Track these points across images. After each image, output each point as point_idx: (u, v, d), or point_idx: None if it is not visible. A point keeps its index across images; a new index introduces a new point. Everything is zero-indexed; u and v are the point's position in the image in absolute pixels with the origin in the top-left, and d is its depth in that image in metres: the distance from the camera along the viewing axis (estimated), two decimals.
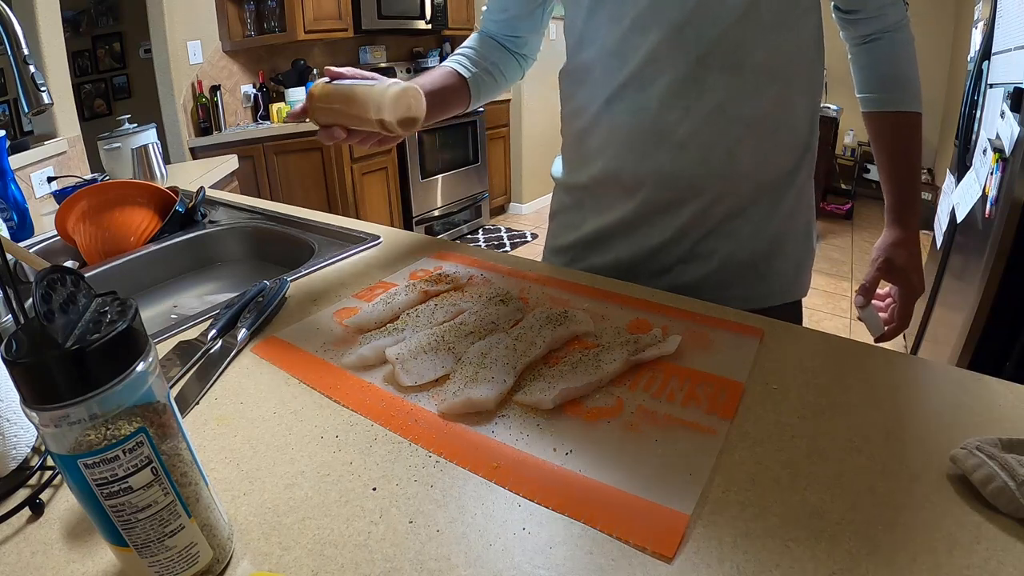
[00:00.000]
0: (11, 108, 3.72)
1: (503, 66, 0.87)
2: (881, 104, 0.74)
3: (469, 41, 0.88)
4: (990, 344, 1.51)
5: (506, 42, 0.87)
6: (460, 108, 0.84)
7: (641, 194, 0.71)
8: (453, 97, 0.82)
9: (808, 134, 0.71)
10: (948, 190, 2.13)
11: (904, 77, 0.73)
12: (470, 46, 0.87)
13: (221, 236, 1.02)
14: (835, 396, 0.47)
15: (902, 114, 0.73)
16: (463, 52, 0.86)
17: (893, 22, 0.71)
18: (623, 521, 0.36)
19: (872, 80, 0.74)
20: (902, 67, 0.73)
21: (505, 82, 0.89)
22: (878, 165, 0.77)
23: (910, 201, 0.76)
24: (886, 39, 0.72)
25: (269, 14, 3.08)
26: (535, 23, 0.86)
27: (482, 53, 0.85)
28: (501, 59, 0.87)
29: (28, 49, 0.68)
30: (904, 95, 0.73)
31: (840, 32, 0.76)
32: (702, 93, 0.64)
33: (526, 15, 0.84)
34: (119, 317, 0.29)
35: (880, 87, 0.74)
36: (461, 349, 0.53)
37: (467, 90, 0.83)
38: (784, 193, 0.71)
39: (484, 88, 0.85)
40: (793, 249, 0.74)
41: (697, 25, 0.61)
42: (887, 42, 0.72)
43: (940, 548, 0.33)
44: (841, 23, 0.75)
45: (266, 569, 0.34)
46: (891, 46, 0.72)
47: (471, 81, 0.83)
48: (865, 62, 0.75)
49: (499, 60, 0.86)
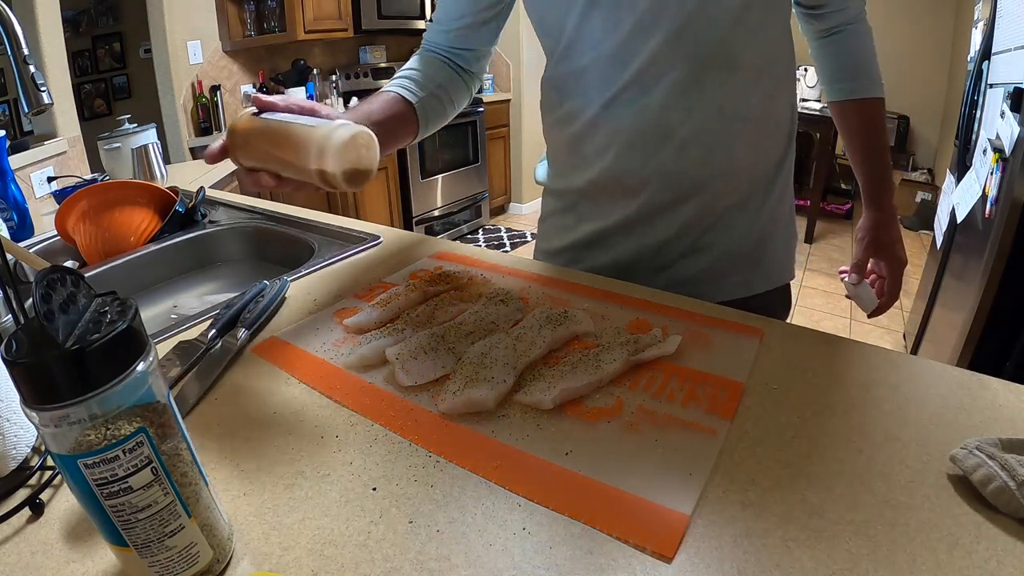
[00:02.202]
0: (11, 108, 3.72)
1: (451, 89, 0.79)
2: (849, 93, 0.79)
3: (411, 63, 0.78)
4: (990, 344, 1.51)
5: (455, 58, 0.80)
6: (407, 140, 0.75)
7: (643, 195, 0.71)
8: (401, 128, 0.73)
9: (790, 124, 0.74)
10: (948, 190, 2.13)
11: (868, 66, 0.78)
12: (412, 67, 0.77)
13: (221, 236, 1.02)
14: (835, 396, 0.47)
15: (869, 100, 0.78)
16: (405, 75, 0.76)
17: (854, 14, 0.76)
18: (623, 521, 0.36)
19: (838, 71, 0.79)
20: (866, 56, 0.78)
21: (453, 109, 0.80)
22: (849, 151, 0.83)
23: (884, 181, 0.81)
24: (848, 31, 0.77)
25: (269, 14, 3.08)
26: (490, 35, 0.80)
27: (427, 74, 0.76)
28: (448, 80, 0.78)
29: (28, 49, 0.68)
30: (870, 83, 0.78)
31: (801, 26, 0.79)
32: (702, 93, 0.65)
33: (481, 24, 0.77)
34: (119, 317, 0.29)
35: (847, 76, 0.79)
36: (461, 349, 0.53)
37: (415, 118, 0.74)
38: (774, 182, 0.74)
39: (432, 115, 0.76)
40: (782, 234, 0.78)
41: (695, 28, 0.62)
42: (849, 34, 0.77)
43: (940, 548, 0.33)
44: (804, 18, 0.79)
45: (266, 569, 0.34)
46: (854, 37, 0.77)
47: (418, 108, 0.73)
48: (830, 53, 0.79)
49: (445, 82, 0.78)
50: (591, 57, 0.68)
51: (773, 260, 0.77)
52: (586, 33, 0.68)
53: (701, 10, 0.61)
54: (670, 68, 0.64)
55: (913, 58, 3.93)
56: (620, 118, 0.69)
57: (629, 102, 0.67)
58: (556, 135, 0.79)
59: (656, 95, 0.65)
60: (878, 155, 0.80)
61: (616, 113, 0.69)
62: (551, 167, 0.83)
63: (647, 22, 0.63)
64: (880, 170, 0.81)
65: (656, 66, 0.64)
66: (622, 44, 0.65)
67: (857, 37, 0.77)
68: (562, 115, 0.76)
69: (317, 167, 0.49)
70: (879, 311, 0.82)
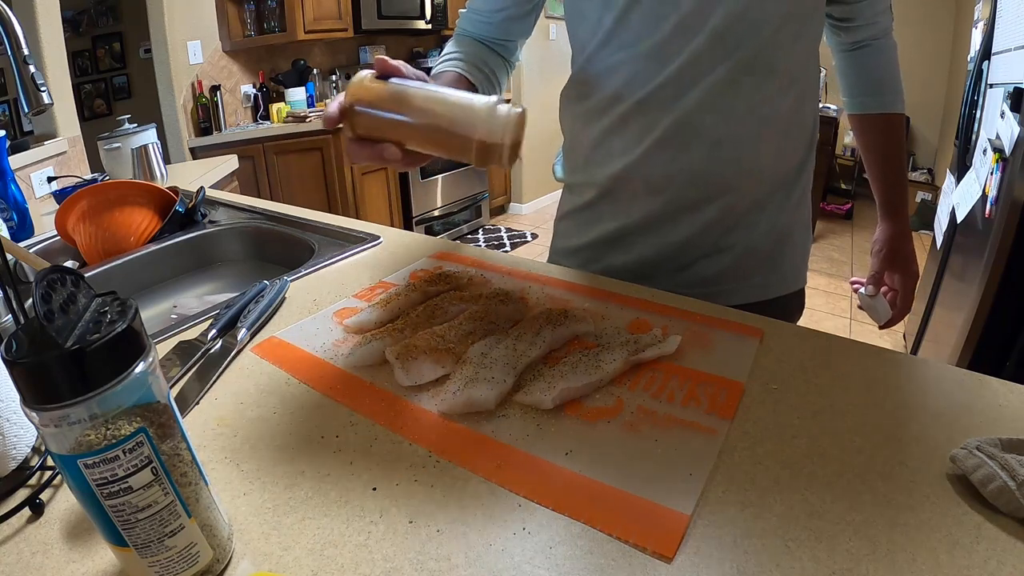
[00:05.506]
0: (11, 108, 3.72)
1: (499, 74, 0.78)
2: (872, 107, 0.80)
3: (454, 45, 0.78)
4: (990, 344, 1.51)
5: (495, 46, 0.80)
6: None
7: (668, 193, 0.71)
8: None
9: (812, 130, 0.75)
10: (948, 190, 2.13)
11: (893, 81, 0.79)
12: (460, 50, 0.76)
13: (221, 236, 1.02)
14: (835, 396, 0.47)
15: (892, 115, 0.80)
16: (457, 57, 0.75)
17: (882, 29, 0.77)
18: (623, 521, 0.36)
19: (863, 84, 0.80)
20: (891, 71, 0.79)
21: (500, 92, 0.79)
22: (868, 164, 0.85)
23: (902, 195, 0.83)
24: (875, 45, 0.78)
25: (269, 14, 3.09)
26: (527, 26, 0.80)
27: (480, 57, 0.76)
28: (496, 65, 0.78)
29: (28, 49, 0.68)
30: (894, 98, 0.79)
31: (827, 38, 0.80)
32: (737, 96, 0.65)
33: (522, 16, 0.78)
34: (119, 317, 0.29)
35: (871, 91, 0.80)
36: (461, 349, 0.53)
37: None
38: (794, 186, 0.74)
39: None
40: (800, 238, 0.78)
41: (738, 32, 0.62)
42: (876, 48, 0.78)
43: (940, 548, 0.33)
44: (833, 30, 0.80)
45: (266, 569, 0.34)
46: (881, 52, 0.79)
47: (479, 89, 0.73)
48: (857, 66, 0.80)
49: (495, 66, 0.77)
50: (628, 54, 0.67)
51: (790, 263, 0.78)
52: (624, 30, 0.67)
53: (745, 14, 0.61)
54: (709, 70, 0.64)
55: (913, 58, 3.92)
56: (654, 116, 0.68)
57: (665, 101, 0.67)
58: (581, 129, 0.77)
59: (693, 95, 0.65)
60: (897, 169, 0.82)
61: (650, 111, 0.68)
62: (568, 162, 0.81)
63: (691, 22, 0.63)
64: (898, 183, 0.82)
65: (696, 67, 0.64)
66: (663, 43, 0.64)
67: (884, 52, 0.78)
68: (590, 109, 0.74)
69: (484, 139, 0.48)
70: (891, 323, 0.84)
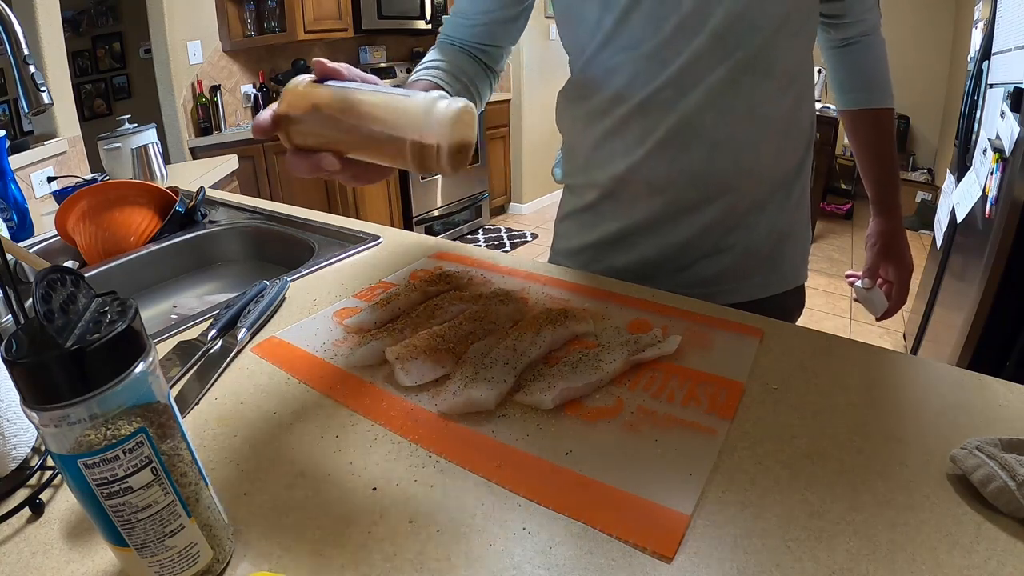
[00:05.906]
0: (11, 108, 3.72)
1: (479, 84, 0.75)
2: (862, 103, 0.81)
3: (437, 54, 0.74)
4: (990, 344, 1.51)
5: (479, 53, 0.77)
6: None
7: (669, 193, 0.71)
8: None
9: (810, 130, 0.75)
10: (948, 190, 2.13)
11: (882, 77, 0.80)
12: (438, 58, 0.73)
13: (221, 236, 1.02)
14: (835, 396, 0.47)
15: (881, 111, 0.81)
16: (435, 65, 0.71)
17: (871, 26, 0.78)
18: (623, 521, 0.36)
19: (853, 80, 0.81)
20: (880, 68, 0.80)
21: (479, 105, 0.76)
22: (859, 160, 0.86)
23: (894, 189, 0.84)
24: (864, 42, 0.79)
25: (269, 14, 3.09)
26: (515, 32, 0.78)
27: (458, 66, 0.72)
28: (476, 75, 0.75)
29: (28, 49, 0.68)
30: (883, 94, 0.80)
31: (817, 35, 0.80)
32: (737, 96, 0.65)
33: (507, 20, 0.75)
34: (119, 317, 0.29)
35: (861, 87, 0.81)
36: (461, 349, 0.53)
37: None
38: (794, 185, 0.75)
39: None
40: (799, 236, 0.79)
41: (738, 32, 0.62)
42: (865, 45, 0.79)
43: (940, 548, 0.33)
44: (823, 27, 0.80)
45: (266, 569, 0.34)
46: (870, 48, 0.79)
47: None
48: (846, 63, 0.81)
49: (475, 76, 0.74)
50: (629, 55, 0.67)
51: (790, 263, 0.78)
52: (624, 31, 0.67)
53: (745, 14, 0.61)
54: (710, 70, 0.64)
55: (913, 58, 3.93)
56: (655, 117, 0.68)
57: (666, 101, 0.66)
58: (581, 131, 0.76)
59: (694, 96, 0.65)
60: (887, 163, 0.83)
61: (651, 112, 0.68)
62: (568, 163, 0.81)
63: (692, 23, 0.63)
64: (889, 177, 0.83)
65: (697, 67, 0.64)
66: (663, 44, 0.64)
67: (873, 49, 0.79)
68: (591, 111, 0.74)
69: (419, 140, 0.43)
70: (888, 314, 0.86)
